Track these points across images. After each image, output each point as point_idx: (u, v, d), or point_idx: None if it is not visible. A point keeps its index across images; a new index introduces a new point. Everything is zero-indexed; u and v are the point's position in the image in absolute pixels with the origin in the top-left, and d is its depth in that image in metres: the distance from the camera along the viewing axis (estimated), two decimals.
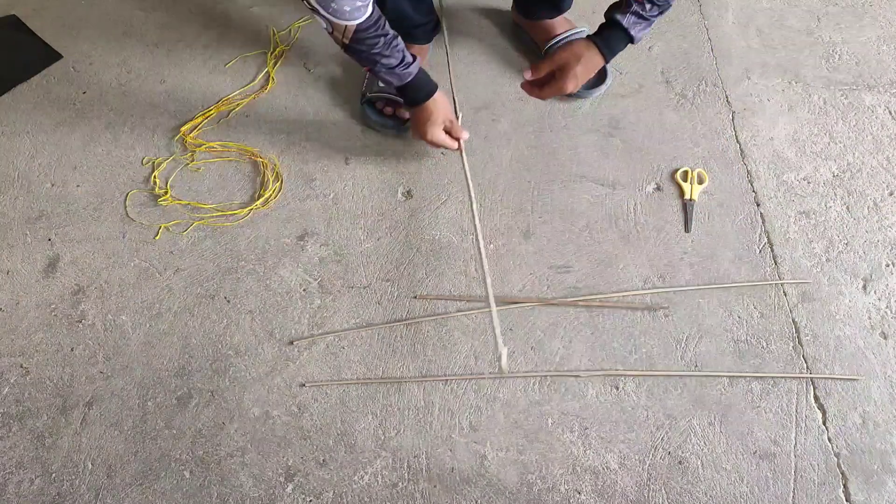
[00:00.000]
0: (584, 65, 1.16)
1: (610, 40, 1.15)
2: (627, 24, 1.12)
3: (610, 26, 1.15)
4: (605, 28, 1.16)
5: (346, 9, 0.99)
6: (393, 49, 1.07)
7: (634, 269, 1.20)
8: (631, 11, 1.11)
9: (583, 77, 1.18)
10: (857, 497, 1.02)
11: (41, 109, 1.40)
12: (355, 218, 1.26)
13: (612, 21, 1.14)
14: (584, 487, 1.03)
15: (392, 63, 1.09)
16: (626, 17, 1.12)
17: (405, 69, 1.11)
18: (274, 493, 1.04)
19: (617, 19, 1.13)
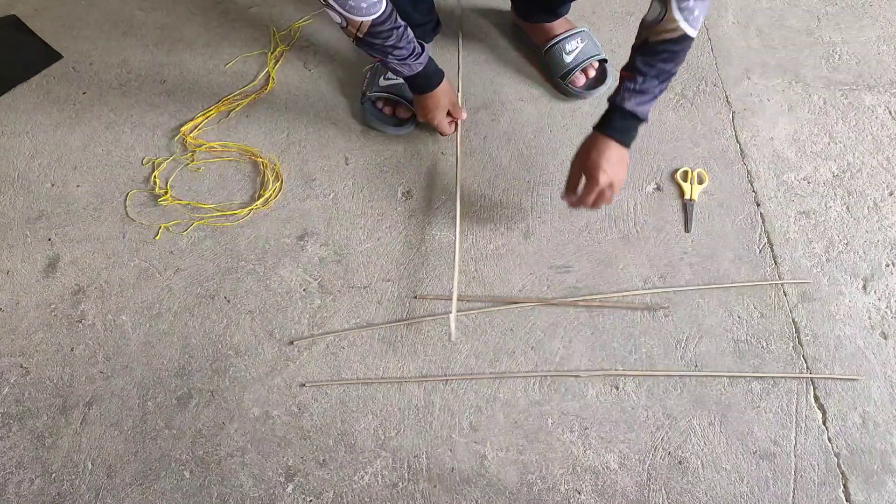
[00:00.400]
0: (607, 161, 1.05)
1: (617, 126, 1.06)
2: (630, 105, 1.04)
3: (612, 112, 1.07)
4: (608, 115, 1.07)
5: (362, 6, 0.99)
6: (405, 41, 1.08)
7: (634, 269, 1.20)
8: (625, 90, 1.04)
9: (613, 172, 1.06)
10: (857, 497, 1.02)
11: (41, 109, 1.40)
12: (355, 218, 1.26)
13: (612, 106, 1.06)
14: (584, 487, 1.03)
15: (404, 54, 1.10)
16: (623, 98, 1.04)
17: (416, 60, 1.12)
18: (274, 493, 1.04)
19: (616, 104, 1.05)
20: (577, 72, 1.35)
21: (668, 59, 1.01)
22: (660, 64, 1.01)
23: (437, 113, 1.23)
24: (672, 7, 0.96)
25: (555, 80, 1.39)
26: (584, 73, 1.37)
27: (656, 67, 1.01)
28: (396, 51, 1.09)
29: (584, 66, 1.36)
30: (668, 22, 0.96)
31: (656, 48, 1.00)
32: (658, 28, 0.98)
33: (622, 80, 1.05)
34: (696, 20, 0.97)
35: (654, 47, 1.00)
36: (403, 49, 1.09)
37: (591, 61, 1.36)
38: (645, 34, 1.01)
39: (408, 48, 1.10)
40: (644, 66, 1.02)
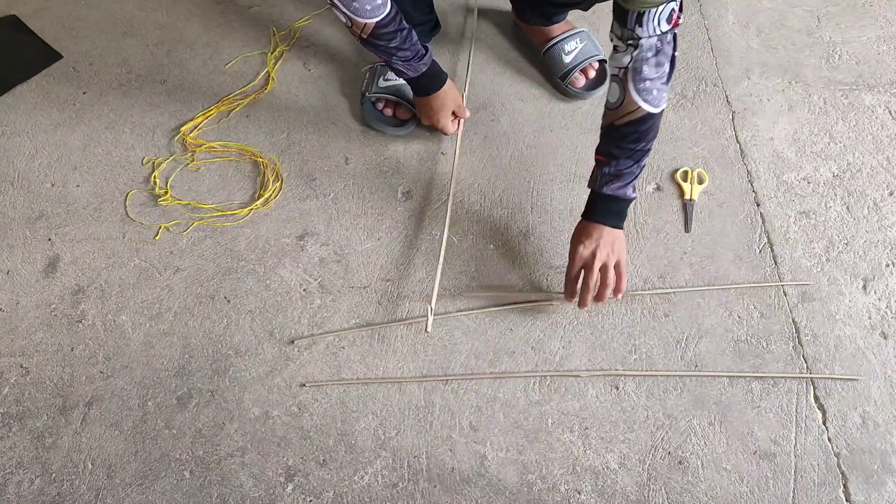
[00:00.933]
0: (602, 248, 1.05)
1: (602, 212, 1.05)
2: (610, 190, 1.04)
3: (594, 199, 1.06)
4: (592, 202, 1.07)
5: (366, 7, 1.00)
6: (409, 42, 1.09)
7: (634, 269, 1.20)
8: (602, 175, 1.04)
9: (606, 253, 1.05)
10: (857, 497, 1.02)
11: (41, 109, 1.40)
12: (355, 218, 1.26)
13: (594, 194, 1.06)
14: (584, 487, 1.03)
15: (408, 56, 1.10)
16: (602, 183, 1.04)
17: (419, 61, 1.13)
18: (274, 493, 1.04)
19: (597, 191, 1.05)
20: (576, 72, 1.35)
21: (637, 138, 1.01)
22: (630, 145, 1.01)
23: (442, 115, 1.23)
24: (630, 91, 0.97)
25: (554, 80, 1.39)
26: (584, 73, 1.37)
27: (627, 149, 1.01)
28: (400, 52, 1.09)
29: (583, 66, 1.36)
30: (629, 105, 0.98)
31: (623, 131, 1.00)
32: (620, 111, 0.99)
33: (598, 164, 1.05)
34: (658, 99, 0.98)
35: (621, 130, 1.00)
36: (407, 51, 1.09)
37: (591, 61, 1.36)
38: (610, 117, 1.02)
39: (412, 50, 1.10)
40: (615, 149, 1.02)
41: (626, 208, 1.07)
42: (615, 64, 0.99)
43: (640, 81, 0.96)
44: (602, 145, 1.05)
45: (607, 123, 1.03)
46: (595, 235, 1.05)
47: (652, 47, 0.94)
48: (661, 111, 1.00)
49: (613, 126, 1.01)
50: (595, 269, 1.05)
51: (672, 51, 0.97)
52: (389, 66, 1.13)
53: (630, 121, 0.99)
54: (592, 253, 1.05)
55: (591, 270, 1.05)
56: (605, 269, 1.05)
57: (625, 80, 0.98)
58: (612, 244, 1.06)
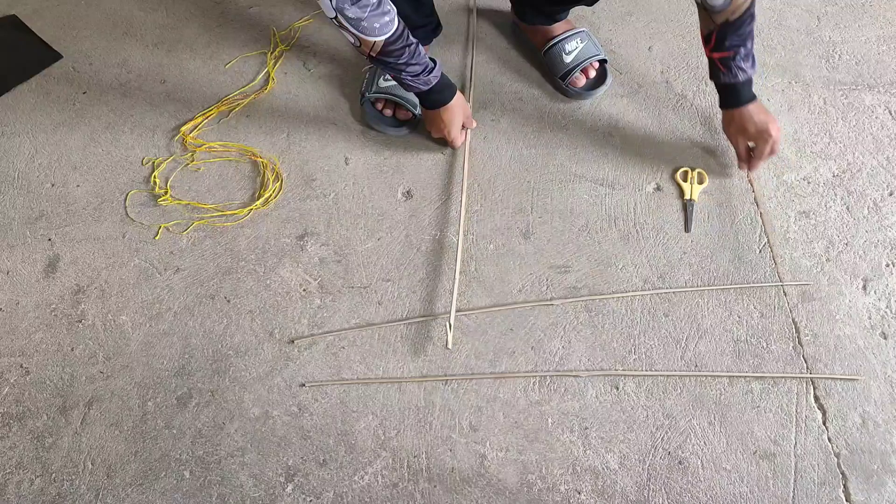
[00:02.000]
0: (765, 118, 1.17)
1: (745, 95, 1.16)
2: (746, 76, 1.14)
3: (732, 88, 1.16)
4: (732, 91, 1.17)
5: (375, 26, 1.01)
6: (417, 57, 1.09)
7: (634, 269, 1.20)
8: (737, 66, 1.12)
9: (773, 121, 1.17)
10: (857, 497, 1.02)
11: (41, 109, 1.40)
12: (355, 218, 1.26)
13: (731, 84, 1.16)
14: (584, 487, 1.03)
15: (417, 70, 1.11)
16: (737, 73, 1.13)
17: (428, 75, 1.13)
18: (274, 493, 1.04)
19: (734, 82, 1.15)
20: (577, 72, 1.35)
21: (748, 21, 1.07)
22: (747, 28, 1.08)
23: (453, 127, 1.24)
24: None
25: (555, 80, 1.39)
26: (585, 73, 1.37)
27: (745, 33, 1.08)
28: (410, 67, 1.10)
29: (583, 66, 1.36)
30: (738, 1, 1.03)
31: (738, 21, 1.06)
32: (732, 7, 1.04)
33: (722, 61, 1.12)
34: None
35: (736, 22, 1.06)
36: (417, 65, 1.10)
37: (592, 61, 1.36)
38: (720, 18, 1.06)
39: (421, 63, 1.11)
40: (736, 38, 1.08)
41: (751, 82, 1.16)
42: None
43: None
44: (721, 44, 1.10)
45: (721, 22, 1.07)
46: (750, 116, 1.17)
47: None
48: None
49: (729, 23, 1.06)
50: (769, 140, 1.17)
51: None
52: (399, 81, 1.14)
53: (744, 11, 1.05)
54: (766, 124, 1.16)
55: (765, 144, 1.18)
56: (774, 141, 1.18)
57: None
58: (766, 112, 1.18)
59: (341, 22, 1.00)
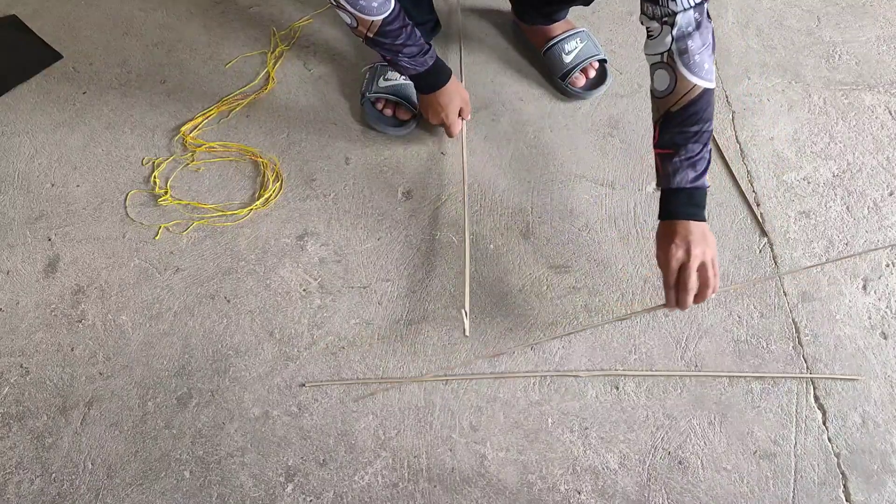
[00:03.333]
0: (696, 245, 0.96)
1: (684, 208, 0.97)
2: (685, 184, 0.97)
3: (671, 197, 0.98)
4: (669, 201, 0.99)
5: (373, 5, 1.00)
6: (413, 38, 1.09)
7: (634, 269, 1.20)
8: (672, 169, 0.97)
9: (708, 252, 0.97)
10: (857, 497, 1.02)
11: (41, 109, 1.40)
12: (355, 218, 1.26)
13: (669, 192, 0.99)
14: (584, 487, 1.04)
15: (414, 51, 1.10)
16: (676, 179, 0.97)
17: (423, 56, 1.12)
18: (274, 493, 1.04)
19: (673, 188, 0.97)
20: (576, 72, 1.35)
21: (699, 119, 0.95)
22: (693, 128, 0.95)
23: (450, 110, 1.21)
24: (681, 71, 0.92)
25: (555, 80, 1.39)
26: (584, 73, 1.37)
27: (691, 132, 0.95)
28: (406, 48, 1.09)
29: (583, 66, 1.36)
30: (683, 86, 0.93)
31: (683, 115, 0.95)
32: (674, 96, 0.94)
33: (662, 159, 0.98)
34: (709, 72, 0.93)
35: (680, 115, 0.95)
36: (413, 46, 1.09)
37: (591, 61, 1.36)
38: (663, 106, 0.96)
39: (417, 45, 1.10)
40: (679, 137, 0.96)
41: (705, 198, 0.99)
42: (653, 50, 0.95)
43: (689, 58, 0.91)
44: (662, 138, 0.98)
45: (663, 112, 0.97)
46: (683, 233, 0.96)
47: (691, 21, 0.90)
48: (714, 87, 0.95)
49: (670, 114, 0.96)
50: (693, 268, 0.96)
51: (710, 21, 0.93)
52: (395, 64, 1.13)
53: (688, 101, 0.93)
54: (687, 252, 0.96)
55: (690, 271, 0.96)
56: (703, 269, 0.97)
57: (671, 62, 0.93)
58: (704, 238, 0.97)
59: (339, 1, 1.00)
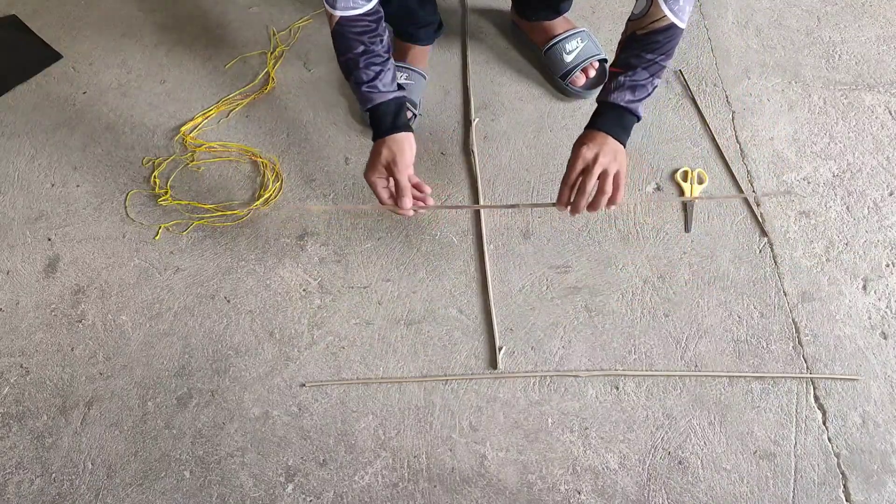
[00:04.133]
0: (605, 154, 0.98)
1: (609, 121, 1.00)
2: (622, 101, 0.99)
3: (603, 109, 1.01)
4: (600, 112, 1.01)
5: None
6: (378, 54, 1.01)
7: (634, 269, 1.20)
8: (616, 86, 0.99)
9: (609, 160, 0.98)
10: (857, 497, 1.02)
11: (41, 110, 1.40)
12: (355, 218, 1.26)
13: (604, 104, 1.01)
14: (584, 487, 1.04)
15: (371, 74, 1.02)
16: (614, 94, 0.99)
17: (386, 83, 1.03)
18: (274, 493, 1.04)
19: (608, 101, 1.00)
20: (577, 72, 1.35)
21: (657, 48, 0.98)
22: (649, 55, 0.98)
23: (400, 169, 1.00)
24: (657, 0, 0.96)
25: (555, 80, 1.39)
26: (585, 72, 1.37)
27: (645, 59, 0.98)
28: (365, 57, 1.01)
29: (584, 65, 1.36)
30: (655, 13, 0.96)
31: (645, 40, 0.98)
32: (644, 21, 0.97)
33: (612, 76, 1.02)
34: (682, 11, 0.96)
35: (642, 39, 0.98)
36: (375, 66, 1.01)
37: (592, 61, 1.37)
38: (631, 28, 1.00)
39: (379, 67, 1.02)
40: (634, 59, 0.99)
41: (632, 126, 1.02)
42: None
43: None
44: (620, 57, 1.01)
45: (628, 34, 1.00)
46: (599, 141, 0.99)
47: None
48: (683, 28, 0.98)
49: (635, 36, 0.98)
50: (595, 173, 0.97)
51: None
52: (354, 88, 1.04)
53: (653, 30, 0.97)
54: (595, 156, 0.98)
55: (591, 174, 0.97)
56: (604, 176, 0.98)
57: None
58: (615, 154, 0.99)
59: None
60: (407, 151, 1.02)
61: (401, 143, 1.01)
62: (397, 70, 1.33)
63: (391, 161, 1.00)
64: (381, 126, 1.03)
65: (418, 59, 1.38)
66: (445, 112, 1.38)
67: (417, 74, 1.35)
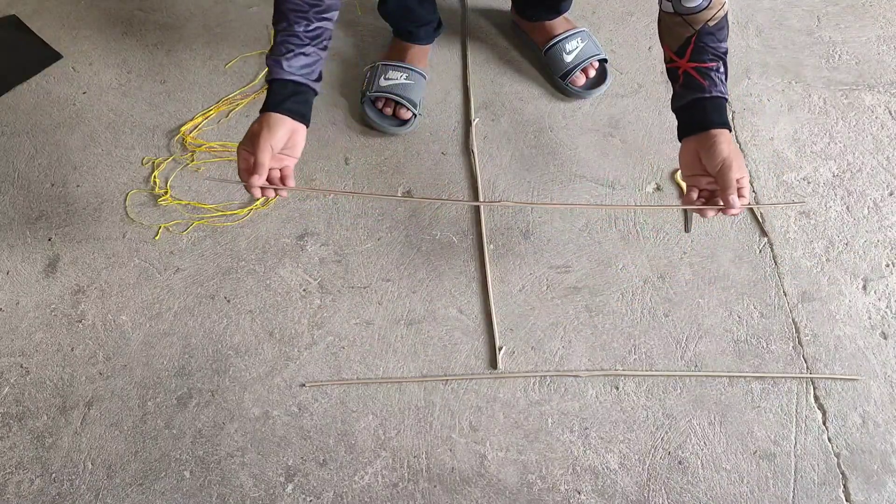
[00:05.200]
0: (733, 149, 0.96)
1: (719, 116, 0.98)
2: (722, 91, 0.98)
3: (705, 105, 0.98)
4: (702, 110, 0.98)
5: None
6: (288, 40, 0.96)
7: (634, 269, 1.20)
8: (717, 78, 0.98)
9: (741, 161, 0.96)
10: (857, 497, 1.02)
11: (41, 109, 1.40)
12: (355, 218, 1.26)
13: (705, 100, 0.98)
14: (584, 487, 1.04)
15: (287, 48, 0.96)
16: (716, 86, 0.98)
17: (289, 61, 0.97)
18: (274, 493, 1.04)
19: (711, 96, 0.98)
20: (577, 72, 1.36)
21: (726, 36, 0.98)
22: (724, 44, 0.99)
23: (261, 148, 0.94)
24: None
25: (555, 79, 1.39)
26: (585, 72, 1.37)
27: (723, 48, 0.99)
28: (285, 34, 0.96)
29: (584, 65, 1.36)
30: (717, 3, 0.96)
31: (716, 29, 0.97)
32: (708, 12, 0.96)
33: (702, 73, 0.99)
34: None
35: (714, 29, 0.97)
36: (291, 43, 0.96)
37: (592, 61, 1.37)
38: (697, 21, 0.97)
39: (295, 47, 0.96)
40: (716, 47, 0.98)
41: (724, 107, 1.00)
42: None
43: None
44: (702, 51, 0.98)
45: (698, 28, 0.97)
46: (730, 139, 0.97)
47: None
48: None
49: (707, 27, 0.97)
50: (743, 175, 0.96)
51: None
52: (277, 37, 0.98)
53: (722, 15, 0.97)
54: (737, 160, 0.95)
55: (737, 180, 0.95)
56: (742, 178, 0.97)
57: None
58: (731, 144, 0.97)
59: None
60: (277, 132, 0.95)
61: (274, 123, 0.96)
62: (397, 70, 1.33)
63: (257, 136, 0.95)
64: (269, 101, 0.97)
65: (418, 58, 1.38)
66: (445, 112, 1.38)
67: (417, 74, 1.35)
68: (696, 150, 0.98)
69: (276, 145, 0.96)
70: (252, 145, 0.95)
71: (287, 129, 0.97)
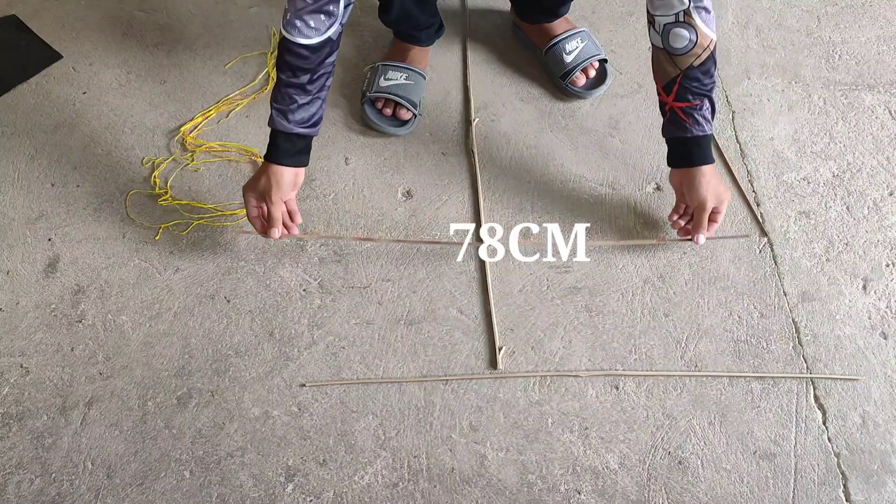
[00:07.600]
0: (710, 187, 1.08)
1: (706, 151, 1.07)
2: (709, 130, 1.06)
3: (694, 144, 1.07)
4: (690, 148, 1.07)
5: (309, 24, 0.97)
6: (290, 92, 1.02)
7: (634, 269, 1.20)
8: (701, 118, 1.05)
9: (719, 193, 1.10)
10: (857, 497, 1.02)
11: (41, 110, 1.40)
12: (355, 218, 1.26)
13: (690, 140, 1.07)
14: (584, 487, 1.04)
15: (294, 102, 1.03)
16: (701, 128, 1.05)
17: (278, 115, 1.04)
18: (274, 493, 1.04)
19: (692, 136, 1.06)
20: (577, 72, 1.36)
21: (712, 72, 1.03)
22: (710, 81, 1.03)
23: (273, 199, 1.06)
24: (699, 27, 0.97)
25: (555, 80, 1.39)
26: (585, 73, 1.37)
27: (709, 85, 1.03)
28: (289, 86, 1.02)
29: (584, 65, 1.36)
30: (703, 41, 0.98)
31: (702, 69, 1.01)
32: (695, 51, 0.99)
33: (685, 112, 1.05)
34: (713, 23, 0.99)
35: (700, 69, 1.01)
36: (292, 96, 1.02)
37: (592, 61, 1.37)
38: (683, 63, 1.01)
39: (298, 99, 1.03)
40: (699, 89, 1.03)
41: (708, 145, 1.09)
42: (667, 11, 0.99)
43: (702, 13, 0.97)
44: (687, 91, 1.03)
45: (684, 68, 1.02)
46: (710, 174, 1.08)
47: None
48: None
49: (692, 68, 1.01)
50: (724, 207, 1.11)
51: None
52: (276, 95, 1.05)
53: (707, 56, 1.00)
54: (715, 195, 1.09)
55: (721, 211, 1.11)
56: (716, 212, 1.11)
57: (690, 20, 0.98)
58: (716, 180, 1.10)
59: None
60: (284, 185, 1.07)
61: (281, 177, 1.06)
62: (397, 70, 1.33)
63: (267, 191, 1.07)
64: (273, 152, 1.06)
65: (418, 59, 1.38)
66: (445, 112, 1.38)
67: (417, 75, 1.35)
68: (680, 181, 1.11)
69: (284, 197, 1.09)
70: (264, 201, 1.08)
71: (292, 177, 1.08)
